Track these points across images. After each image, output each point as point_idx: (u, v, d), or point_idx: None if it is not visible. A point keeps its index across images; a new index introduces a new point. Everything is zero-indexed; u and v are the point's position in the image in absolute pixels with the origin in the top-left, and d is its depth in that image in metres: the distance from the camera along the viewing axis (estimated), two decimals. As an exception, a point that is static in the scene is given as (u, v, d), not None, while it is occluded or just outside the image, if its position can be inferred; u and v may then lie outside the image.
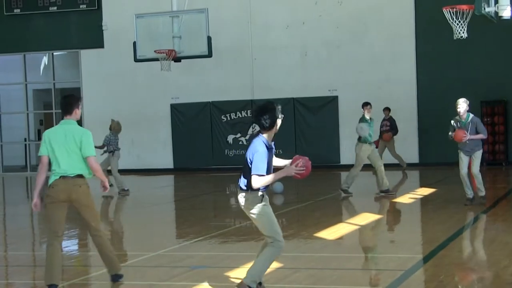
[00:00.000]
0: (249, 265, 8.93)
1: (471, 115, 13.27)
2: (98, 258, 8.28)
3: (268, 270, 8.67)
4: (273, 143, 7.23)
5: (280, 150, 18.09)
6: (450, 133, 13.50)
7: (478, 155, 13.35)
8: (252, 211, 7.20)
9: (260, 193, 7.15)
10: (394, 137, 21.59)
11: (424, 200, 15.00)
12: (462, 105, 13.18)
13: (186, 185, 21.60)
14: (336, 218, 13.16)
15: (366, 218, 12.82)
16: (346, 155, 21.06)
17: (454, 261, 9.05)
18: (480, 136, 13.24)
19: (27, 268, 9.86)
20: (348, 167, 20.94)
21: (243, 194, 7.22)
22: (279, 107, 7.11)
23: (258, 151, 7.01)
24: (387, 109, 21.53)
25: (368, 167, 17.87)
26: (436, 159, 22.47)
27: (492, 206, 13.78)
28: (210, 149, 24.70)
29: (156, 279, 8.61)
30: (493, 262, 8.73)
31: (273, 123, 7.05)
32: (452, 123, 13.48)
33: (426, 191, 16.37)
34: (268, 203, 7.27)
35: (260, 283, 7.39)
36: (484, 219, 12.32)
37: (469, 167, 13.52)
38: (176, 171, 24.76)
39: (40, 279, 8.63)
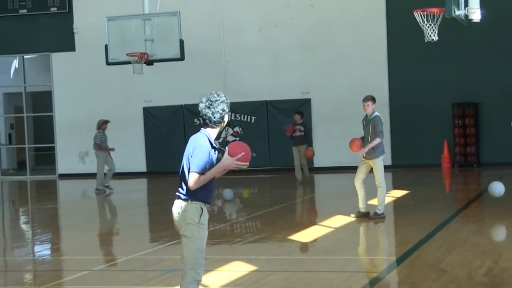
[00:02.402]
0: (222, 268, 8.94)
1: (375, 114, 12.48)
2: (71, 262, 8.20)
3: (242, 273, 8.70)
4: (217, 143, 6.25)
5: (253, 153, 18.11)
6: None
7: (377, 163, 12.22)
8: (187, 230, 6.00)
9: (201, 203, 6.05)
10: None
11: (397, 202, 15.06)
12: (365, 102, 12.51)
13: (159, 189, 21.50)
14: (309, 220, 13.19)
15: (339, 220, 12.84)
16: (320, 157, 21.02)
17: (427, 263, 9.09)
18: (375, 142, 12.05)
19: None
20: (323, 169, 20.99)
21: (182, 204, 6.06)
22: (228, 101, 6.11)
23: (200, 145, 6.05)
24: (298, 113, 19.60)
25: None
26: (409, 161, 22.61)
27: (464, 208, 13.88)
28: (183, 152, 24.55)
29: (130, 283, 8.55)
30: (465, 263, 8.79)
31: (222, 117, 6.07)
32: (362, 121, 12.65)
33: (399, 193, 16.44)
34: (207, 223, 6.13)
35: None
36: (456, 221, 12.40)
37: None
38: (149, 174, 24.65)
39: (12, 284, 8.55)
